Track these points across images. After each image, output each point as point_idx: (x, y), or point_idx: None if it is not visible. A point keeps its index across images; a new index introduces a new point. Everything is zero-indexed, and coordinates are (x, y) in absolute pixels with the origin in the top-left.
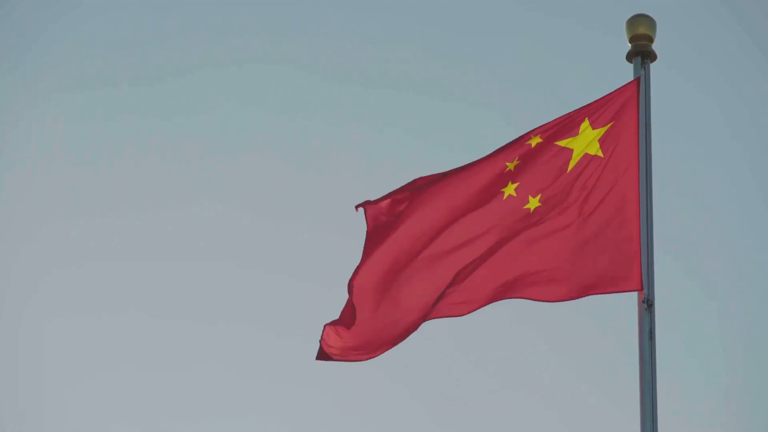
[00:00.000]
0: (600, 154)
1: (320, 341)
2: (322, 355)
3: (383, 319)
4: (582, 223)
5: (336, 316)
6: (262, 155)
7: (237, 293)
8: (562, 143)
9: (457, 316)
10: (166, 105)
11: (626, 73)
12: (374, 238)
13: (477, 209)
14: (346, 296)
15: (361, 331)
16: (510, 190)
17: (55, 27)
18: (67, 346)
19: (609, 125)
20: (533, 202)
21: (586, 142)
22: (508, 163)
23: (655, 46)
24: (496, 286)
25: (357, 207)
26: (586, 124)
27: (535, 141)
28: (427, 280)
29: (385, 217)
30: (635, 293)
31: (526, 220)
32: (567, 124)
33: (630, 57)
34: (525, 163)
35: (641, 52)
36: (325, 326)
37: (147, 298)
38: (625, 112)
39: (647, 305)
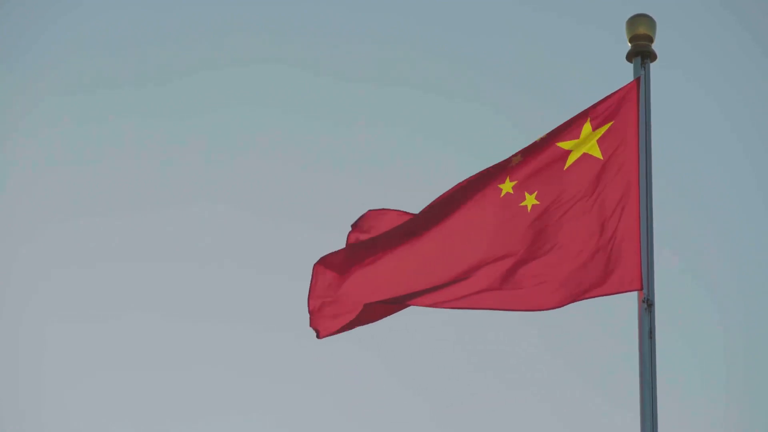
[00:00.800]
0: (599, 155)
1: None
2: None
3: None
4: (581, 223)
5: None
6: (261, 155)
7: (237, 293)
8: (562, 144)
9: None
10: (166, 105)
11: (626, 73)
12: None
13: (473, 204)
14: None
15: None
16: (507, 187)
17: (55, 27)
18: (66, 346)
19: (608, 125)
20: (530, 200)
21: (585, 143)
22: (513, 158)
23: (655, 46)
24: (490, 287)
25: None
26: (587, 126)
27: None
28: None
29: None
30: (635, 293)
31: (523, 219)
32: (568, 126)
33: (630, 57)
34: (525, 160)
35: (641, 52)
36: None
37: (147, 298)
38: (624, 112)
39: (647, 305)
